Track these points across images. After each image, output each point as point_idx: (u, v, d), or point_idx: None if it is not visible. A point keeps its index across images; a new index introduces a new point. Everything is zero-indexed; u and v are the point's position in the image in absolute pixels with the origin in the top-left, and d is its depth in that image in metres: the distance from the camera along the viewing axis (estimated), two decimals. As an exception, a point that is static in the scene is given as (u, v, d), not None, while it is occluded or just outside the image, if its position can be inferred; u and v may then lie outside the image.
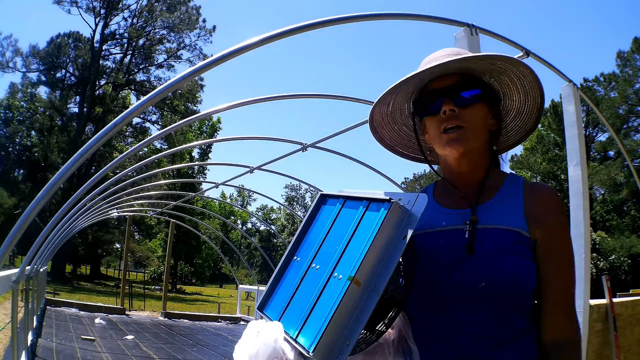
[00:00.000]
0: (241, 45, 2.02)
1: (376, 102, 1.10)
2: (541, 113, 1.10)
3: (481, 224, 1.00)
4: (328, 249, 1.00)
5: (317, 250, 1.03)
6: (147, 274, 39.24)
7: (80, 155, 1.92)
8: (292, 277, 1.07)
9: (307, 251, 1.06)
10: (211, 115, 20.08)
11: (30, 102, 28.67)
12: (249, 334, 1.00)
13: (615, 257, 21.89)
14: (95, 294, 18.90)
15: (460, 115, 1.00)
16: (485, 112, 1.04)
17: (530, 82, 1.04)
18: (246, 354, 0.94)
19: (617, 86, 26.85)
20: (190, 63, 29.78)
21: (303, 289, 1.00)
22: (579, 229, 3.21)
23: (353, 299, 0.85)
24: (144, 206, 12.99)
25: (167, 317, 12.69)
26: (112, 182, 5.94)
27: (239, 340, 1.01)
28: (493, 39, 2.72)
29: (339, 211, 1.04)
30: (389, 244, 0.88)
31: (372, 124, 1.17)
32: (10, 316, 4.36)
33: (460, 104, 1.01)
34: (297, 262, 1.08)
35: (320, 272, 0.97)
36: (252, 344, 0.96)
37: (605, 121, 4.75)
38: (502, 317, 0.95)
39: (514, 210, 1.00)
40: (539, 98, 1.06)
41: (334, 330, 0.85)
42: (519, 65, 1.01)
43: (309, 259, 1.03)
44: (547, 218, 0.99)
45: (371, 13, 2.38)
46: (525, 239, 0.97)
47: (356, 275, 0.86)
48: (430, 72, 1.02)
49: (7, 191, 26.24)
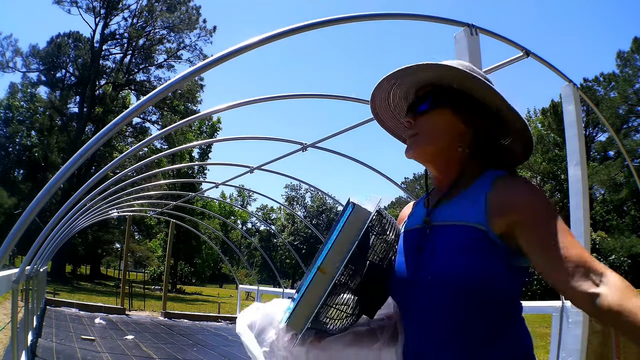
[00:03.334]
0: (241, 45, 2.02)
1: (374, 90, 1.17)
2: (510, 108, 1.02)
3: (436, 221, 1.04)
4: (326, 247, 1.14)
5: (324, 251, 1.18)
6: (147, 274, 39.26)
7: (80, 155, 1.91)
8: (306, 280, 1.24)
9: (321, 256, 1.21)
10: (211, 115, 20.08)
11: (30, 102, 28.68)
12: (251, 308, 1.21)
13: (615, 257, 21.90)
14: (95, 294, 18.89)
15: (416, 123, 1.08)
16: (447, 117, 1.05)
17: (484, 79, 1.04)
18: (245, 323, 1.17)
19: (617, 86, 26.86)
20: (190, 63, 29.80)
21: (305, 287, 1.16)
22: (579, 229, 3.21)
23: (318, 283, 1.04)
24: (144, 206, 12.99)
25: (167, 317, 12.69)
26: (112, 182, 5.93)
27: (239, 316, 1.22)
28: (493, 39, 2.72)
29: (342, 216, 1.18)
30: (349, 239, 1.04)
31: (375, 112, 1.23)
32: (10, 316, 4.36)
33: (416, 115, 1.08)
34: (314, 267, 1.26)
35: (313, 268, 1.14)
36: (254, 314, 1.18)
37: (605, 121, 4.75)
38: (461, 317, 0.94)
39: (474, 205, 0.97)
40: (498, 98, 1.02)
41: (303, 307, 1.04)
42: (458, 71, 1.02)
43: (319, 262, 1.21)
44: (515, 205, 0.93)
45: (371, 13, 2.38)
46: (481, 230, 0.93)
47: (321, 266, 1.04)
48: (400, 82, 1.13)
49: (7, 191, 26.25)
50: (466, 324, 0.94)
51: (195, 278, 43.06)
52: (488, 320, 0.94)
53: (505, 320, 0.97)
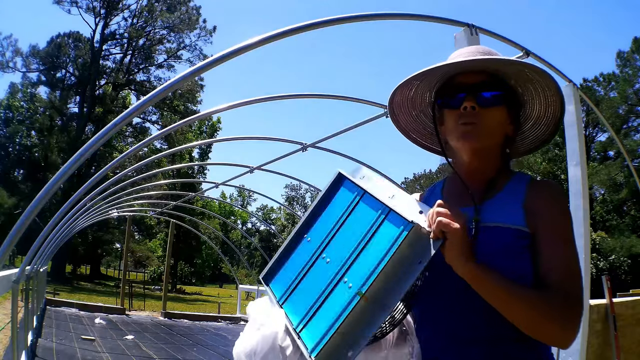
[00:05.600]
0: (241, 45, 2.02)
1: (399, 85, 1.11)
2: (558, 127, 1.10)
3: (483, 222, 1.00)
4: (340, 244, 1.00)
5: (329, 239, 1.03)
6: (147, 274, 39.20)
7: (80, 155, 1.91)
8: (301, 257, 1.08)
9: (319, 235, 1.06)
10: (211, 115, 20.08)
11: (30, 102, 28.67)
12: (250, 327, 1.01)
13: (615, 257, 21.88)
14: (95, 294, 18.88)
15: (479, 113, 1.02)
16: (503, 115, 1.05)
17: (553, 95, 1.05)
18: (244, 352, 0.96)
19: (617, 86, 26.86)
20: (190, 63, 29.76)
21: (312, 277, 1.01)
22: (579, 229, 3.20)
23: (361, 313, 0.87)
24: (144, 206, 12.99)
25: (167, 317, 12.68)
26: (112, 182, 5.93)
27: (242, 333, 1.02)
28: (493, 39, 2.72)
29: (356, 204, 1.03)
30: (403, 264, 0.87)
31: (391, 106, 1.17)
32: (10, 316, 4.36)
33: (480, 103, 1.02)
34: (308, 242, 1.09)
35: (330, 267, 0.98)
36: (253, 338, 0.98)
37: (605, 121, 4.75)
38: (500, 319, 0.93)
39: (514, 207, 1.01)
40: (558, 112, 1.07)
41: (339, 340, 0.87)
42: (546, 77, 1.02)
43: (320, 246, 1.04)
44: (545, 209, 0.99)
45: (371, 13, 2.38)
46: (525, 234, 0.98)
47: (366, 293, 0.87)
48: (457, 67, 1.03)
49: (7, 191, 26.24)
50: (503, 326, 0.93)
51: (195, 278, 43.02)
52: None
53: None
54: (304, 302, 0.97)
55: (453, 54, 1.11)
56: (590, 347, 3.35)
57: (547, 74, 1.01)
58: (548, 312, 0.88)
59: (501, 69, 1.03)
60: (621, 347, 3.82)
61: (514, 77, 1.05)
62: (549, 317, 0.88)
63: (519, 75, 1.05)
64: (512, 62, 1.01)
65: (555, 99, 1.05)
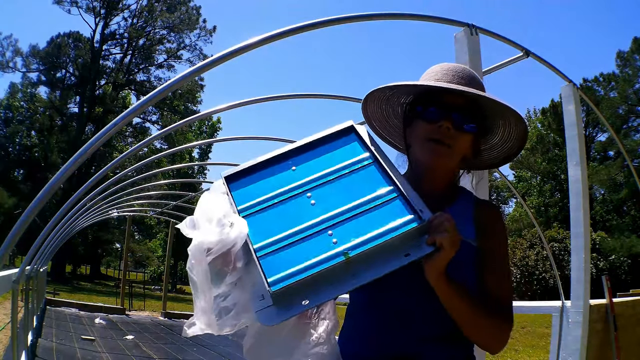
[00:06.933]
0: (241, 45, 2.02)
1: (384, 86, 1.13)
2: (509, 161, 1.22)
3: None
4: (334, 195, 0.96)
5: (321, 182, 0.98)
6: (147, 274, 39.23)
7: (80, 155, 1.91)
8: (278, 180, 1.00)
9: (309, 170, 1.00)
10: (211, 115, 20.06)
11: (30, 102, 28.65)
12: (207, 220, 0.91)
13: (615, 257, 21.88)
14: (95, 294, 18.89)
15: (453, 136, 1.07)
16: (469, 142, 1.12)
17: (519, 134, 1.12)
18: (200, 247, 0.90)
19: (617, 86, 26.89)
20: (190, 63, 29.76)
21: (287, 209, 0.95)
22: (579, 229, 3.21)
23: (335, 271, 0.85)
24: (144, 206, 12.99)
25: (167, 317, 12.68)
26: (112, 182, 5.93)
27: (199, 201, 0.93)
28: (493, 39, 2.72)
29: (363, 166, 1.00)
30: (394, 250, 0.88)
31: (367, 96, 1.19)
32: (10, 316, 4.36)
33: (456, 127, 1.07)
34: (292, 171, 1.01)
35: (314, 210, 0.94)
36: (212, 235, 0.89)
37: (605, 121, 4.75)
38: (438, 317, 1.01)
39: (466, 221, 1.09)
40: (514, 150, 1.17)
41: (303, 286, 0.84)
42: (520, 122, 1.09)
43: (307, 183, 0.98)
44: (491, 230, 1.10)
45: (371, 13, 2.38)
46: (474, 248, 1.07)
47: (352, 258, 0.86)
48: (444, 90, 1.08)
49: (7, 191, 26.22)
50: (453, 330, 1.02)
51: (195, 278, 42.95)
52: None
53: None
54: (272, 230, 0.91)
55: (435, 68, 1.15)
56: (590, 347, 3.35)
57: (522, 121, 1.08)
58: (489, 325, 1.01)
59: (482, 101, 1.09)
60: (621, 347, 3.83)
61: (490, 110, 1.11)
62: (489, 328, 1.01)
63: (496, 112, 1.11)
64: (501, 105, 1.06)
65: (518, 141, 1.14)
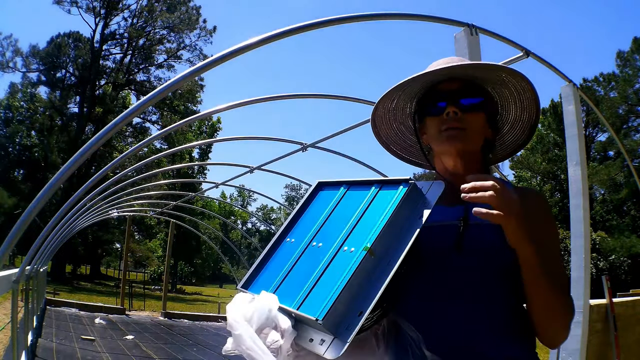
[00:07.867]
0: (241, 45, 2.02)
1: (381, 98, 1.13)
2: (534, 130, 1.15)
3: (472, 220, 1.02)
4: (332, 228, 1.00)
5: (317, 230, 1.02)
6: (147, 274, 39.21)
7: (80, 155, 1.92)
8: (284, 256, 1.05)
9: (304, 232, 1.05)
10: (211, 115, 20.06)
11: (30, 102, 28.62)
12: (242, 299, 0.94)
13: (615, 257, 21.87)
14: (95, 294, 18.87)
15: (462, 118, 1.05)
16: (483, 120, 1.09)
17: (529, 98, 1.09)
18: (241, 315, 0.90)
19: (617, 86, 26.86)
20: (190, 63, 29.71)
21: (302, 265, 0.98)
22: (579, 228, 3.20)
23: (367, 269, 0.84)
24: (144, 206, 12.99)
25: (167, 317, 12.69)
26: (112, 182, 5.93)
27: (229, 304, 0.94)
28: (493, 39, 2.72)
29: (344, 194, 1.05)
30: (405, 221, 0.89)
31: (373, 118, 1.19)
32: (10, 316, 4.36)
33: (462, 108, 1.05)
34: (291, 243, 1.07)
35: (323, 248, 0.96)
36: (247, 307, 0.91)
37: (605, 121, 4.76)
38: (495, 312, 0.97)
39: None
40: (534, 115, 1.11)
41: (346, 299, 0.82)
42: (522, 79, 1.05)
43: (307, 239, 1.02)
44: (542, 217, 1.04)
45: (371, 13, 2.38)
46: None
47: (372, 246, 0.85)
48: (435, 75, 1.05)
49: (7, 191, 26.21)
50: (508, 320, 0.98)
51: (195, 278, 43.02)
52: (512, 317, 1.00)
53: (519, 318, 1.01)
54: (297, 287, 0.92)
55: (431, 64, 1.14)
56: (590, 347, 3.36)
57: (523, 77, 1.05)
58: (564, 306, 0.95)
59: (479, 75, 1.07)
60: (621, 347, 3.83)
61: (490, 83, 1.09)
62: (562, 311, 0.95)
63: (494, 80, 1.09)
64: (490, 66, 1.04)
65: (531, 102, 1.09)
